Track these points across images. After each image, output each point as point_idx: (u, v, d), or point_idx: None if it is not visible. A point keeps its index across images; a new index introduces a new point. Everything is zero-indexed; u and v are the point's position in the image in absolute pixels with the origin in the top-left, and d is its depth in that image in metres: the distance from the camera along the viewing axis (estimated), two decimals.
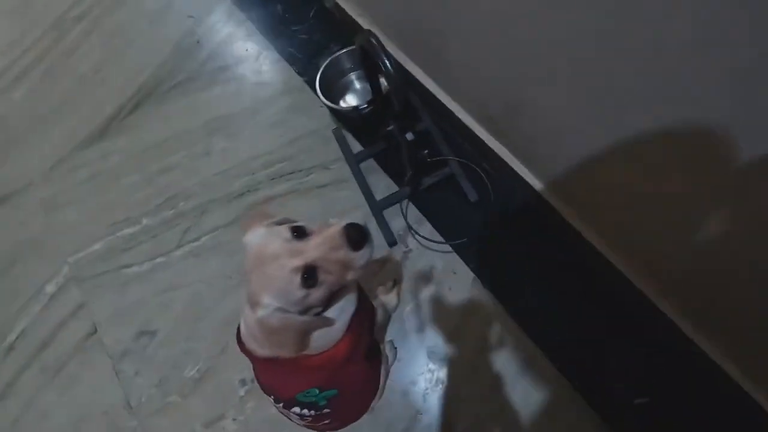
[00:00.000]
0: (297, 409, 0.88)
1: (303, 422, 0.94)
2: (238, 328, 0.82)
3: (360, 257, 0.70)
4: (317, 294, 0.69)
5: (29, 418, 1.30)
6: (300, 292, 0.67)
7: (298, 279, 0.66)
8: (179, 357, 1.30)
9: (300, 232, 0.71)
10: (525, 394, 1.14)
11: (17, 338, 1.40)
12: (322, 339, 0.78)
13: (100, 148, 1.65)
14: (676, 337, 1.04)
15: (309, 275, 0.67)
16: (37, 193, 1.61)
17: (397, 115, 0.98)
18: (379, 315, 1.14)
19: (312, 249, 0.68)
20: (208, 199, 1.49)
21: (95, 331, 1.37)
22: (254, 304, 0.69)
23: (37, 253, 1.51)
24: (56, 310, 1.42)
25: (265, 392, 0.91)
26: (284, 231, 0.71)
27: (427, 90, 1.38)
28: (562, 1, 0.76)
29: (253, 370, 0.92)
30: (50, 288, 1.45)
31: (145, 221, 1.50)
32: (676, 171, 0.78)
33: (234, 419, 1.21)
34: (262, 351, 0.76)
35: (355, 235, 0.69)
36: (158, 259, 1.44)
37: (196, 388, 1.26)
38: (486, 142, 1.29)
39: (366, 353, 0.90)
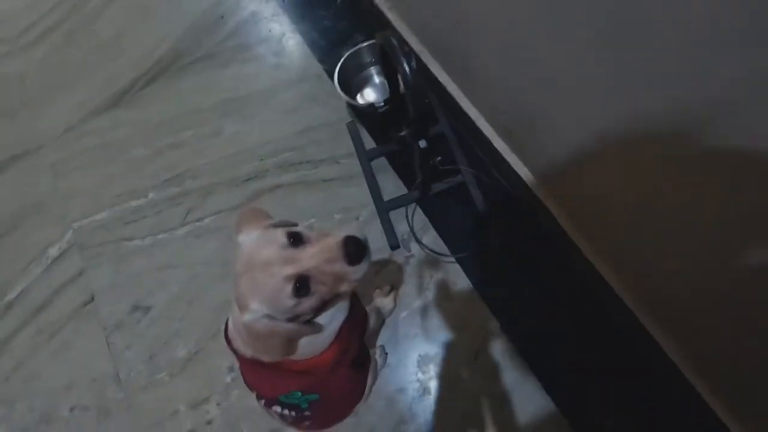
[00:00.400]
0: (278, 409, 0.88)
1: (283, 421, 0.94)
2: (227, 324, 0.80)
3: (356, 272, 0.68)
4: (308, 304, 0.68)
5: (20, 377, 1.32)
6: (290, 301, 0.65)
7: (289, 288, 0.64)
8: (171, 336, 1.30)
9: (296, 239, 0.69)
10: (511, 416, 1.12)
11: (17, 297, 1.42)
12: (308, 345, 0.77)
13: (113, 117, 1.64)
14: (676, 382, 1.00)
15: (301, 285, 0.65)
16: (48, 155, 1.61)
17: (412, 120, 0.95)
18: (372, 320, 1.12)
19: (307, 258, 0.65)
20: (214, 180, 1.48)
21: (92, 299, 1.38)
22: (242, 307, 0.67)
23: (43, 215, 1.52)
24: (56, 274, 1.43)
25: (248, 388, 0.91)
26: (280, 236, 0.68)
27: (446, 91, 1.34)
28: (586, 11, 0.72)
29: (239, 365, 0.91)
30: (53, 251, 1.46)
31: (151, 195, 1.49)
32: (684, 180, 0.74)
33: (218, 404, 1.22)
34: (246, 351, 0.75)
35: (354, 249, 0.66)
36: (160, 236, 1.43)
37: (185, 369, 1.26)
38: (501, 153, 1.25)
39: (353, 362, 0.89)
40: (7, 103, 1.74)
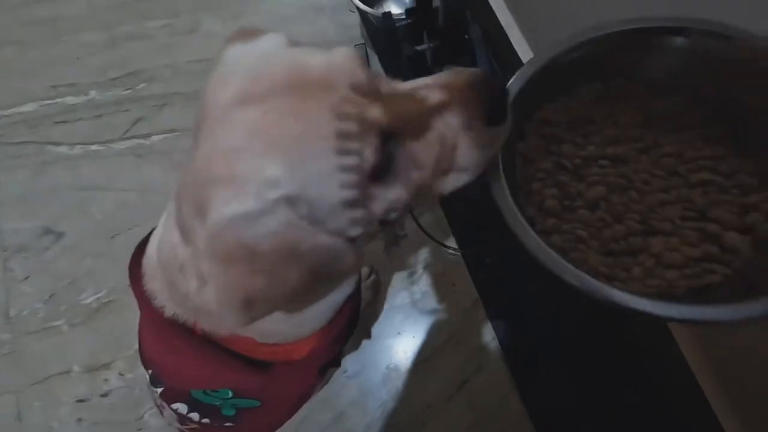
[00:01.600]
0: (180, 407, 0.56)
1: (176, 424, 0.63)
2: (142, 244, 0.49)
3: (493, 139, 0.36)
4: (376, 206, 0.34)
5: None
6: (349, 190, 0.30)
7: (370, 149, 0.30)
8: (80, 275, 1.01)
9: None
10: None
11: None
12: (282, 321, 0.42)
13: None
14: None
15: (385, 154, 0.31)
16: None
17: (439, 32, 0.60)
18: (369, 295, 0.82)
19: (407, 97, 0.33)
20: (174, 90, 1.15)
21: None
22: (217, 183, 0.30)
23: None
24: None
25: (142, 361, 0.59)
26: (349, 52, 0.34)
27: (494, 17, 0.97)
28: None
29: (140, 321, 0.55)
30: None
31: (92, 93, 1.17)
32: None
33: (121, 374, 0.94)
34: (175, 304, 0.43)
35: (500, 92, 0.34)
36: (94, 146, 1.12)
37: (89, 321, 0.98)
38: None
39: (324, 364, 0.57)
40: None
